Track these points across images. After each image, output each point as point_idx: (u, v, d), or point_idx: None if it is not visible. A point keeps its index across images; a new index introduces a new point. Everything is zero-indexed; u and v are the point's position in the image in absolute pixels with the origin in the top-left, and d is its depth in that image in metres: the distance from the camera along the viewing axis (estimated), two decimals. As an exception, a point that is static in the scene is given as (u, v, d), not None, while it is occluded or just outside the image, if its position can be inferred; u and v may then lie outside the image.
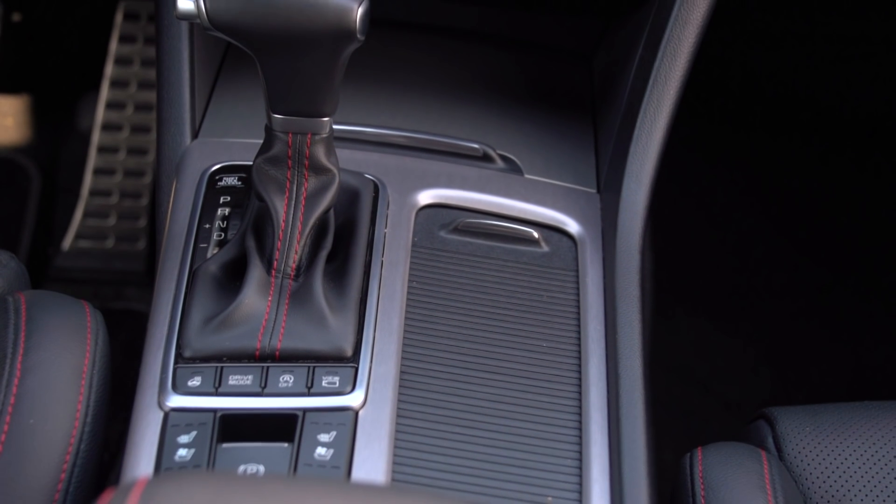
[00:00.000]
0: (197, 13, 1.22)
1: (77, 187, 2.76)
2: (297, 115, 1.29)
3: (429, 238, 1.53)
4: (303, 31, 1.21)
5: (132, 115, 2.82)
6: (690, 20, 1.57)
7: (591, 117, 1.79)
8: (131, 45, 2.84)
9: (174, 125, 1.59)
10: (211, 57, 1.72)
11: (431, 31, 1.90)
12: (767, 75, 2.98)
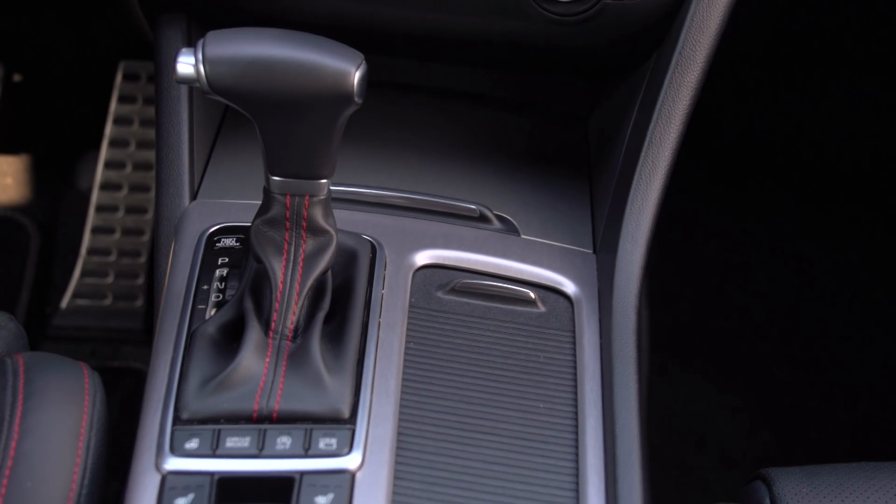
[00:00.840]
0: (196, 77, 1.24)
1: (76, 246, 2.77)
2: (295, 178, 1.30)
3: (426, 298, 1.53)
4: (301, 95, 1.23)
5: (131, 173, 2.83)
6: (685, 83, 1.58)
7: (587, 178, 1.80)
8: (131, 105, 2.86)
9: (173, 186, 1.60)
10: (210, 118, 1.74)
11: (428, 92, 1.91)
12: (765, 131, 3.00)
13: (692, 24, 1.58)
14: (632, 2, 1.57)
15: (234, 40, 1.24)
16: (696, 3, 1.57)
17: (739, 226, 3.00)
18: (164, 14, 1.71)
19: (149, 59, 2.62)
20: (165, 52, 1.68)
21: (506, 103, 1.92)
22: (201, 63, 1.23)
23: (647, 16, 1.59)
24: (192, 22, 1.72)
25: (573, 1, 1.57)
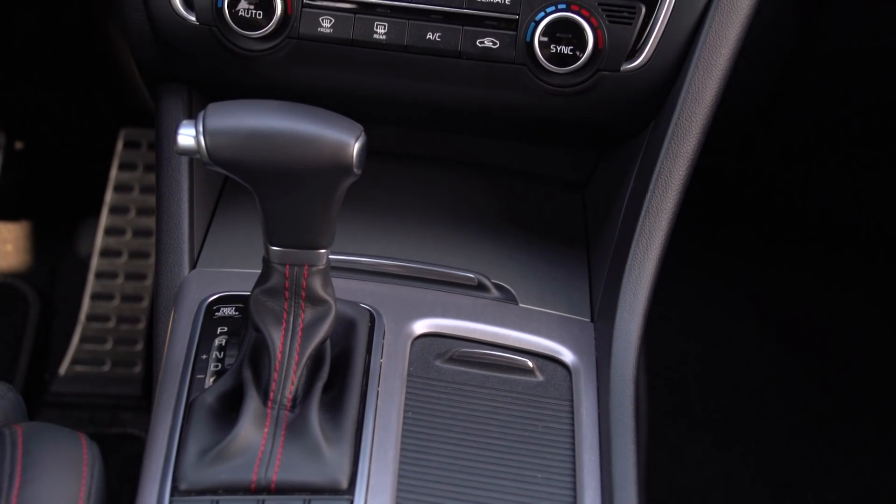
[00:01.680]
0: (197, 149, 1.25)
1: (75, 312, 2.78)
2: (294, 248, 1.31)
3: (424, 367, 1.54)
4: (301, 167, 1.24)
5: (131, 240, 2.84)
6: (681, 153, 1.60)
7: (584, 246, 1.81)
8: (131, 172, 2.88)
9: (173, 255, 1.61)
10: (210, 187, 1.75)
11: (426, 160, 1.93)
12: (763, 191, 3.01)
13: (688, 95, 1.60)
14: (628, 73, 1.59)
15: (235, 112, 1.25)
16: (691, 74, 1.59)
17: (738, 290, 3.00)
18: (166, 84, 1.73)
19: (150, 126, 2.64)
20: (166, 123, 1.69)
21: (503, 172, 1.94)
22: (202, 135, 1.24)
23: (644, 86, 1.61)
24: (193, 92, 1.74)
25: (570, 73, 1.58)
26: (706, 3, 1.58)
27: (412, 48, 1.60)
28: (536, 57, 1.58)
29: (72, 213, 2.94)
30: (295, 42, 1.60)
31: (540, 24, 1.57)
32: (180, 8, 1.60)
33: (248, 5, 1.57)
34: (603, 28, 1.57)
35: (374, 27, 1.60)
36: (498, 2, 1.58)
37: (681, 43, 1.59)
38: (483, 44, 1.60)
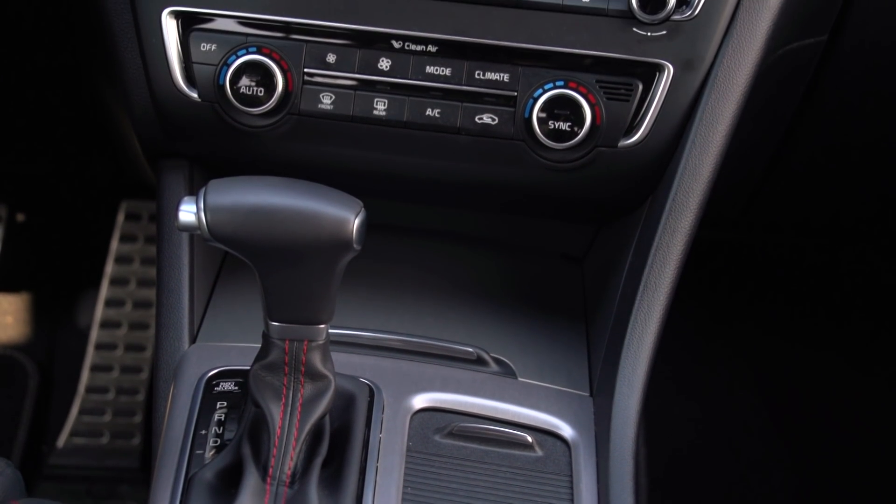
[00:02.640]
0: (198, 225, 1.26)
1: (74, 384, 2.77)
2: (294, 323, 1.32)
3: (423, 442, 1.53)
4: (301, 243, 1.25)
5: (131, 311, 2.85)
6: (679, 228, 1.61)
7: (583, 320, 1.82)
8: (132, 244, 2.89)
9: (173, 330, 1.61)
10: (210, 261, 1.76)
11: (425, 234, 1.94)
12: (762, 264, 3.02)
13: (685, 171, 1.61)
14: (625, 149, 1.61)
15: (235, 189, 1.26)
16: (688, 151, 1.61)
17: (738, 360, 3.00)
18: (167, 160, 1.74)
19: (151, 198, 2.66)
20: (168, 198, 1.71)
21: (502, 245, 1.95)
22: (202, 211, 1.25)
23: (641, 162, 1.62)
24: (195, 166, 1.75)
25: (568, 148, 1.60)
26: (702, 80, 1.60)
27: (412, 124, 1.62)
28: (535, 133, 1.59)
29: (72, 285, 2.95)
30: (296, 118, 1.62)
31: (538, 101, 1.59)
32: (182, 85, 1.62)
33: (249, 82, 1.59)
34: (600, 104, 1.59)
35: (374, 103, 1.61)
36: (496, 79, 1.60)
37: (677, 119, 1.60)
38: (482, 120, 1.61)
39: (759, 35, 1.59)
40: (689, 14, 1.57)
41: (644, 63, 1.59)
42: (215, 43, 1.60)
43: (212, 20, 1.61)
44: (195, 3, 1.60)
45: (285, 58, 1.60)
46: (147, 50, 1.62)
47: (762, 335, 3.00)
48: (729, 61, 1.59)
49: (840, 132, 2.04)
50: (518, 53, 1.60)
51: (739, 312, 3.02)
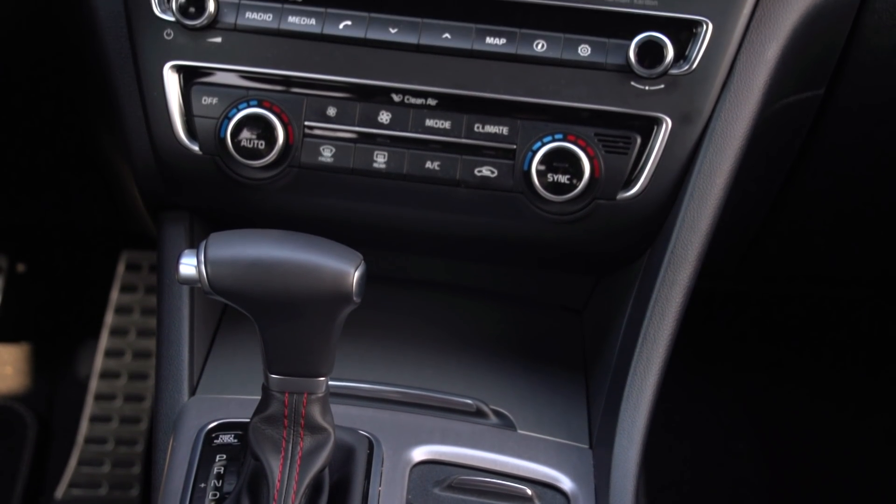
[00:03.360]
0: (198, 278, 1.26)
1: (73, 434, 2.77)
2: (293, 376, 1.32)
3: (423, 495, 1.53)
4: (301, 296, 1.25)
5: (130, 362, 2.85)
6: (677, 281, 1.62)
7: (582, 371, 1.82)
8: (132, 294, 2.90)
9: (172, 382, 1.61)
10: (210, 313, 1.76)
11: (425, 285, 1.94)
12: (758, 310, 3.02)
13: (684, 224, 1.62)
14: (624, 202, 1.61)
15: (235, 242, 1.26)
16: (687, 203, 1.62)
17: (737, 412, 2.99)
18: (168, 212, 1.75)
19: (151, 248, 2.66)
20: (168, 250, 1.71)
21: (502, 297, 1.95)
22: (203, 265, 1.25)
23: (640, 215, 1.63)
24: (195, 218, 1.76)
25: (567, 201, 1.61)
26: (700, 133, 1.61)
27: (411, 177, 1.63)
28: (534, 185, 1.60)
29: (72, 336, 2.95)
30: (296, 171, 1.63)
31: (537, 154, 1.60)
32: (184, 138, 1.63)
33: (250, 135, 1.60)
34: (599, 158, 1.60)
35: (373, 156, 1.63)
36: (496, 132, 1.61)
37: (676, 172, 1.61)
38: (481, 172, 1.62)
39: (757, 89, 1.61)
40: (686, 68, 1.58)
41: (642, 116, 1.60)
42: (217, 96, 1.61)
43: (213, 74, 1.62)
44: (197, 58, 1.61)
45: (286, 111, 1.61)
46: (149, 103, 1.63)
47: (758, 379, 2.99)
48: (727, 115, 1.60)
49: (838, 184, 2.05)
50: (517, 107, 1.61)
51: (735, 355, 3.02)
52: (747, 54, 1.60)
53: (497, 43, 1.60)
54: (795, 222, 2.16)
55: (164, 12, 1.61)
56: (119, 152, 1.95)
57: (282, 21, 1.61)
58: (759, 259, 2.33)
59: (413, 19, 1.61)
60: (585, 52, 1.59)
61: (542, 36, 1.60)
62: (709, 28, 1.58)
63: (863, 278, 2.66)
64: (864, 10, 1.65)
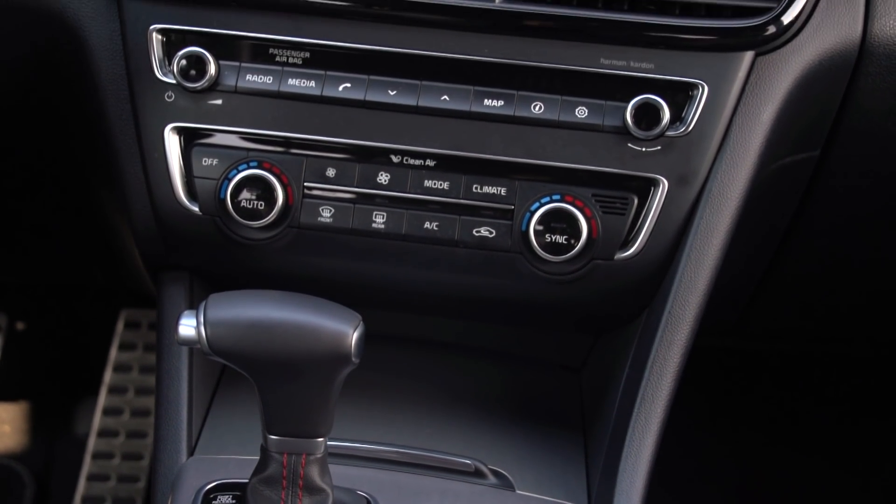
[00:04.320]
0: (197, 339, 1.27)
1: (70, 493, 2.75)
2: (292, 436, 1.32)
3: (421, 556, 1.53)
4: (300, 357, 1.26)
5: (129, 420, 2.84)
6: (675, 341, 1.62)
7: (581, 431, 1.82)
8: (131, 352, 2.90)
9: (171, 443, 1.61)
10: (209, 373, 1.77)
11: (423, 344, 1.94)
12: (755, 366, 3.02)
13: (681, 284, 1.63)
14: (622, 262, 1.62)
15: (234, 303, 1.27)
16: (684, 264, 1.62)
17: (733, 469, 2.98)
18: (167, 272, 1.76)
19: (150, 306, 2.67)
20: (168, 310, 1.72)
21: (501, 355, 1.95)
22: (202, 325, 1.26)
23: (637, 275, 1.64)
24: (195, 278, 1.77)
25: (565, 261, 1.62)
26: (697, 194, 1.62)
27: (410, 237, 1.64)
28: (532, 246, 1.61)
29: (70, 394, 2.95)
30: (295, 231, 1.64)
31: (535, 214, 1.61)
32: (184, 199, 1.64)
33: (250, 196, 1.61)
34: (596, 218, 1.61)
35: (372, 216, 1.64)
36: (494, 192, 1.63)
37: (673, 233, 1.62)
38: (479, 233, 1.63)
39: (753, 151, 1.62)
40: (683, 130, 1.60)
41: (639, 178, 1.61)
42: (217, 158, 1.63)
43: (213, 135, 1.63)
44: (198, 120, 1.63)
45: (285, 172, 1.62)
46: (149, 164, 1.65)
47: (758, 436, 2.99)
48: (723, 176, 1.62)
49: (834, 243, 2.06)
50: (515, 168, 1.63)
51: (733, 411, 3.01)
52: (743, 117, 1.62)
53: (495, 105, 1.62)
54: (793, 280, 2.16)
55: (165, 75, 1.63)
56: (119, 211, 1.96)
57: (282, 83, 1.62)
58: (757, 316, 2.34)
59: (412, 81, 1.62)
60: (582, 114, 1.61)
61: (540, 98, 1.61)
62: (704, 91, 1.59)
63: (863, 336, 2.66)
64: (858, 74, 1.67)
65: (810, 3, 1.60)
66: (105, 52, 1.66)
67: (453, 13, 1.60)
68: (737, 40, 1.60)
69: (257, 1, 1.62)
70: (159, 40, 1.63)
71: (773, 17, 1.58)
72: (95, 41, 1.66)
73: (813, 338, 2.72)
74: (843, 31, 1.64)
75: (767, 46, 1.61)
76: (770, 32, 1.59)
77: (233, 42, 1.63)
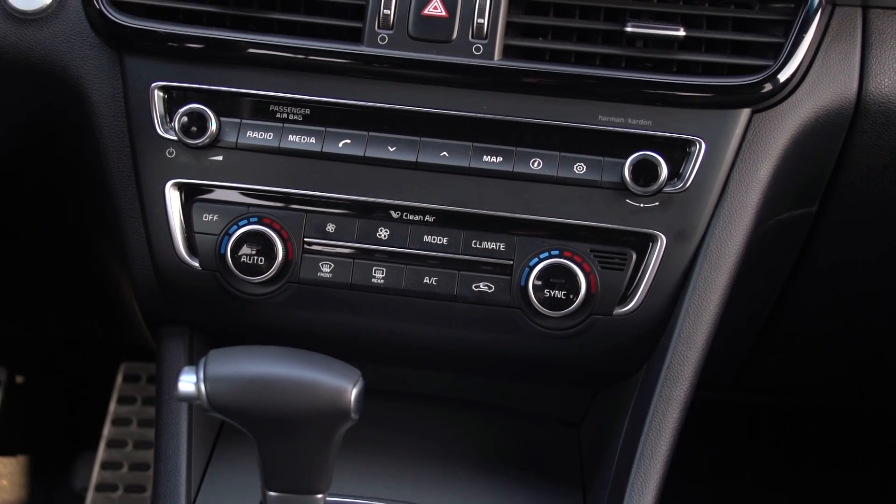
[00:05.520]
0: (197, 395, 1.27)
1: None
2: (291, 492, 1.32)
3: None
4: (299, 413, 1.26)
5: (127, 473, 2.83)
6: (674, 397, 1.63)
7: (580, 486, 1.81)
8: (130, 406, 2.89)
9: (170, 499, 1.61)
10: (208, 429, 1.76)
11: (422, 399, 1.94)
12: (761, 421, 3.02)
13: (680, 339, 1.63)
14: (620, 317, 1.63)
15: (234, 360, 1.28)
16: (682, 319, 1.63)
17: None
18: (167, 327, 1.76)
19: (149, 359, 2.66)
20: (167, 366, 1.72)
21: (500, 410, 1.95)
22: (202, 382, 1.27)
23: (636, 330, 1.64)
24: (195, 333, 1.77)
25: (564, 316, 1.62)
26: (695, 250, 1.63)
27: (409, 292, 1.64)
28: (531, 301, 1.62)
29: (69, 448, 2.94)
30: (295, 286, 1.65)
31: (534, 270, 1.61)
32: (184, 254, 1.65)
33: (250, 251, 1.62)
34: (595, 273, 1.62)
35: (372, 272, 1.64)
36: (493, 247, 1.63)
37: (671, 288, 1.63)
38: (479, 288, 1.64)
39: (750, 207, 1.63)
40: (680, 186, 1.61)
41: (637, 233, 1.62)
42: (217, 213, 1.64)
43: (214, 191, 1.64)
44: (198, 176, 1.64)
45: (286, 227, 1.63)
46: (150, 220, 1.65)
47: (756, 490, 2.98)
48: (721, 232, 1.62)
49: (832, 298, 2.07)
50: (514, 223, 1.63)
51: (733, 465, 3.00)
52: (740, 173, 1.63)
53: (494, 161, 1.63)
54: (792, 337, 2.17)
55: (166, 131, 1.64)
56: (119, 265, 1.97)
57: (282, 140, 1.63)
58: (756, 371, 2.34)
59: (411, 138, 1.63)
60: (581, 171, 1.62)
61: (539, 154, 1.63)
62: (702, 147, 1.61)
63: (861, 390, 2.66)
64: (854, 131, 1.68)
65: (806, 61, 1.62)
66: (107, 109, 1.67)
67: (452, 70, 1.61)
68: (734, 98, 1.61)
69: (258, 58, 1.63)
70: (161, 97, 1.64)
71: (770, 75, 1.60)
72: (98, 98, 1.67)
73: (812, 392, 2.72)
74: (839, 88, 1.65)
75: (764, 104, 1.62)
76: (767, 90, 1.60)
77: (234, 99, 1.64)
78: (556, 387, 1.91)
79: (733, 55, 1.62)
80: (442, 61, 1.61)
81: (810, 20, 1.60)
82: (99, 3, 1.63)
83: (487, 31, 1.60)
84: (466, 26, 1.60)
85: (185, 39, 1.63)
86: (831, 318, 2.13)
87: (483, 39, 1.60)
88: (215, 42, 1.63)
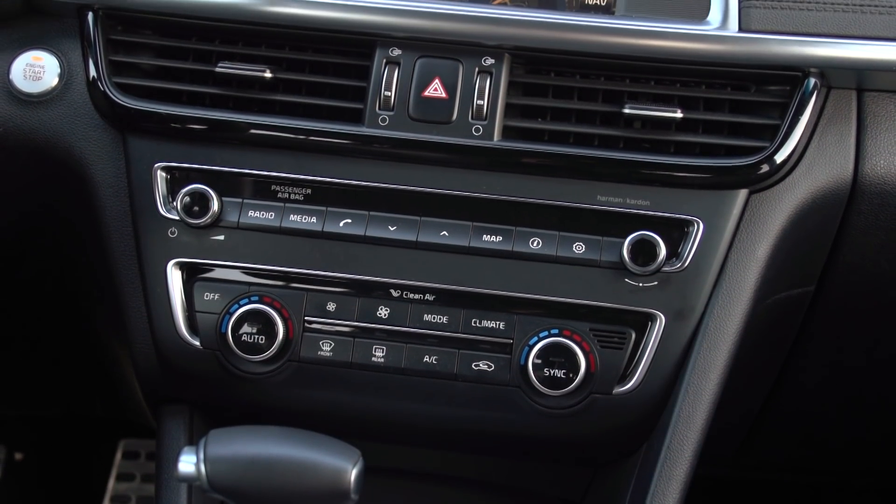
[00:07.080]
0: (197, 476, 1.27)
1: None
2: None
3: None
4: (299, 493, 1.26)
5: (125, 551, 2.82)
6: (674, 476, 1.62)
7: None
8: (129, 483, 2.88)
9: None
10: None
11: (423, 477, 1.94)
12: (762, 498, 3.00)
13: (679, 417, 1.63)
14: (620, 396, 1.63)
15: (234, 440, 1.28)
16: (682, 398, 1.63)
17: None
18: (168, 405, 1.76)
19: (148, 436, 2.66)
20: (167, 445, 1.72)
21: (500, 488, 1.94)
22: (203, 462, 1.27)
23: (635, 409, 1.64)
24: (195, 412, 1.77)
25: (563, 395, 1.62)
26: (694, 329, 1.63)
27: (409, 371, 1.65)
28: (530, 379, 1.62)
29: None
30: (296, 365, 1.65)
31: (534, 349, 1.62)
32: (185, 333, 1.65)
33: (250, 330, 1.63)
34: (594, 352, 1.62)
35: (372, 350, 1.65)
36: (493, 326, 1.64)
37: (671, 367, 1.63)
38: (478, 366, 1.64)
39: (748, 287, 1.64)
40: (679, 266, 1.62)
41: (636, 312, 1.63)
42: (218, 292, 1.64)
43: (215, 270, 1.65)
44: (200, 255, 1.65)
45: (286, 306, 1.64)
46: (151, 299, 1.66)
47: None
48: (719, 311, 1.63)
49: (832, 376, 2.07)
50: (513, 302, 1.64)
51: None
52: (738, 253, 1.64)
53: (493, 240, 1.64)
54: (791, 415, 2.17)
55: (168, 211, 1.65)
56: (119, 344, 1.97)
57: (283, 219, 1.65)
58: (756, 448, 2.33)
59: (411, 217, 1.65)
60: (580, 250, 1.63)
61: (538, 234, 1.64)
62: (700, 227, 1.62)
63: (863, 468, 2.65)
64: (850, 211, 1.70)
65: (802, 142, 1.63)
66: (110, 190, 1.68)
67: (452, 151, 1.63)
68: (731, 178, 1.62)
69: (260, 138, 1.65)
70: (164, 177, 1.66)
71: (767, 156, 1.61)
72: (100, 178, 1.69)
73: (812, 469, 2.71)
74: (835, 170, 1.67)
75: (761, 184, 1.64)
76: (764, 171, 1.62)
77: (235, 179, 1.66)
78: (556, 465, 1.90)
79: (730, 136, 1.64)
80: (442, 142, 1.62)
81: (806, 102, 1.62)
82: (103, 84, 1.65)
83: (487, 113, 1.62)
84: (466, 107, 1.62)
85: (187, 121, 1.65)
86: (831, 395, 2.13)
87: (482, 120, 1.62)
88: (218, 123, 1.64)
